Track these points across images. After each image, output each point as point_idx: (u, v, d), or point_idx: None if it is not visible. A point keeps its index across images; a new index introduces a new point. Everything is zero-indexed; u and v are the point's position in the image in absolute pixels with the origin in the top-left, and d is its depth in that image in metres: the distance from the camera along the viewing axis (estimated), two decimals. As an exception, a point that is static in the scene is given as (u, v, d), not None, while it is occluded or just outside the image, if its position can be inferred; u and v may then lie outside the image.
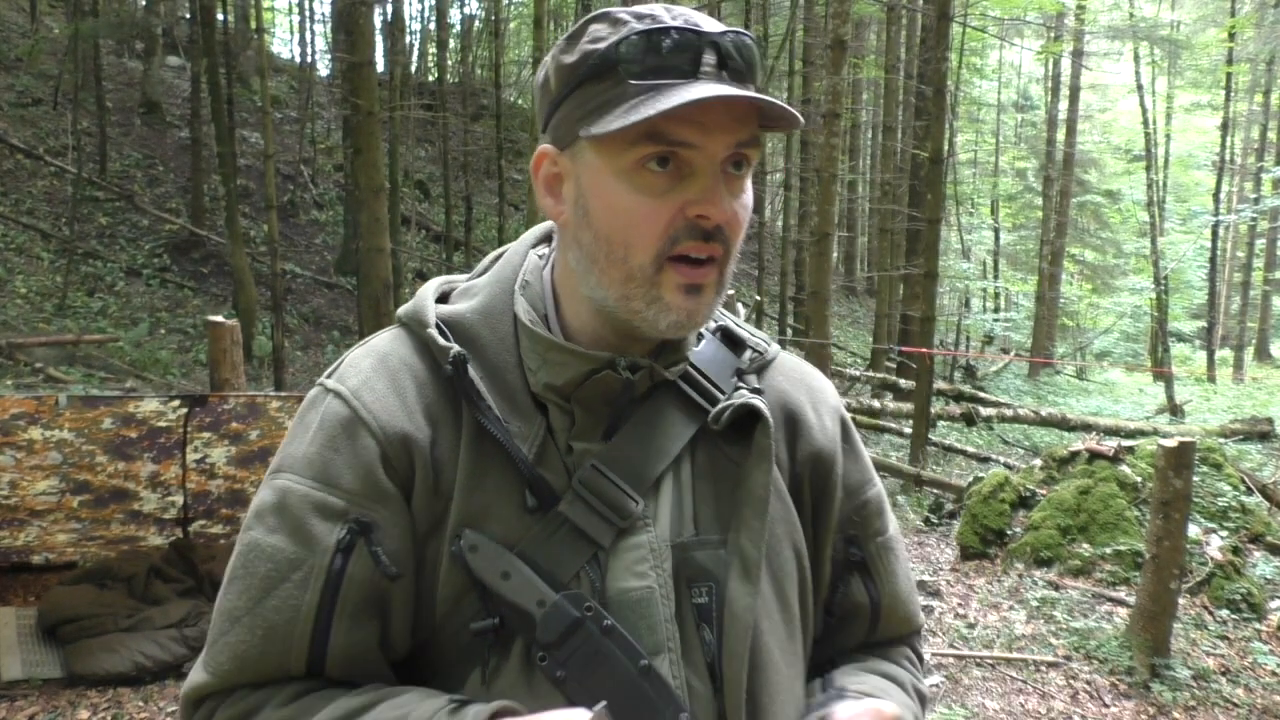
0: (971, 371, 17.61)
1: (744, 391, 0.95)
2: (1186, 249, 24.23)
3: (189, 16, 15.46)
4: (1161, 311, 19.23)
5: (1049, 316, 22.13)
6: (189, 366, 10.30)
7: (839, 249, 22.98)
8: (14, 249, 11.44)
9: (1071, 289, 27.05)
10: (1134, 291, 23.93)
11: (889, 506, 1.07)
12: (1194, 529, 4.96)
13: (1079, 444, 6.16)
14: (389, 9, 15.91)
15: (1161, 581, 4.12)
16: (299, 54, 21.50)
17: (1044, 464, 6.15)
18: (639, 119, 0.80)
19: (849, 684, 0.96)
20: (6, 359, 8.68)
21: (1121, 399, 18.26)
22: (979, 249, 26.28)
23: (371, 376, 0.90)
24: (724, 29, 0.85)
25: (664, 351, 0.93)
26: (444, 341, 0.89)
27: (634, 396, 0.91)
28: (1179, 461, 4.07)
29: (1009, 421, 11.12)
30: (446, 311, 0.93)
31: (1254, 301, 28.06)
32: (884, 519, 1.04)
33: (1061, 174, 22.12)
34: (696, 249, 0.85)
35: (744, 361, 0.99)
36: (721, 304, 0.92)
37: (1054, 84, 23.53)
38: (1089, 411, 14.06)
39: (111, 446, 4.15)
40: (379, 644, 0.87)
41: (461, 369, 0.87)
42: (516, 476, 0.87)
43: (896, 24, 17.46)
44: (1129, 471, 5.55)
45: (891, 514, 1.07)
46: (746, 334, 1.01)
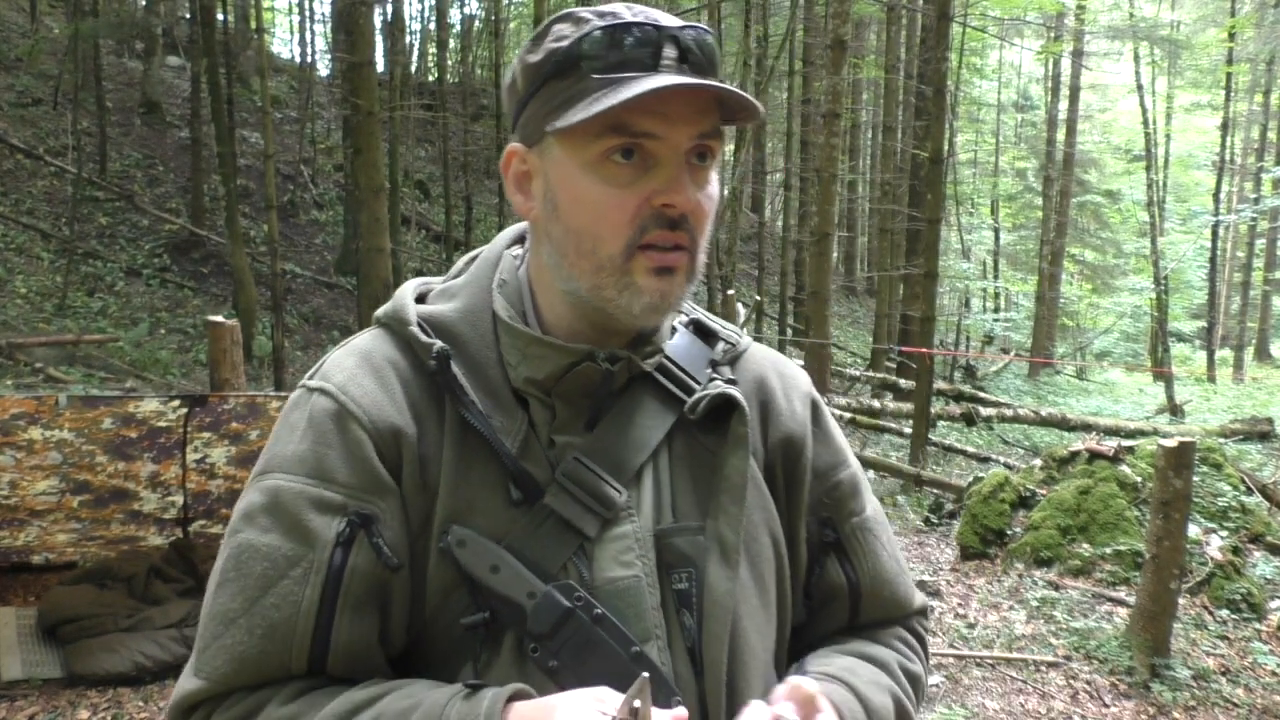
0: (971, 371, 17.61)
1: (719, 382, 0.96)
2: (1186, 249, 24.24)
3: (189, 16, 15.47)
4: (1161, 311, 19.23)
5: (1049, 316, 22.13)
6: (189, 366, 10.30)
7: (839, 249, 22.98)
8: (14, 249, 11.44)
9: (1071, 289, 27.05)
10: (1134, 291, 23.93)
11: (866, 489, 1.07)
12: (1194, 529, 4.96)
13: (1079, 444, 6.16)
14: (389, 9, 15.91)
15: (1161, 581, 4.12)
16: (299, 54, 21.53)
17: (1044, 464, 6.15)
18: (601, 110, 0.82)
19: (815, 666, 0.96)
20: (6, 359, 8.68)
21: (1121, 399, 18.26)
22: (979, 249, 26.28)
23: (357, 373, 0.91)
24: (684, 24, 0.87)
25: (639, 344, 0.95)
26: (426, 338, 0.91)
27: (613, 389, 0.93)
28: (1179, 461, 4.07)
29: (1009, 421, 11.12)
30: (426, 311, 0.95)
31: (1254, 301, 28.06)
32: (859, 500, 1.05)
33: (1061, 174, 22.13)
34: (663, 238, 0.86)
35: (717, 353, 1.01)
36: (692, 293, 0.93)
37: (1054, 84, 23.53)
38: (1089, 411, 14.07)
39: (111, 446, 4.15)
40: (379, 638, 0.87)
41: (445, 364, 0.89)
42: (501, 471, 0.89)
43: (896, 24, 17.47)
44: (1129, 471, 5.55)
45: (870, 496, 1.07)
46: (718, 326, 1.03)
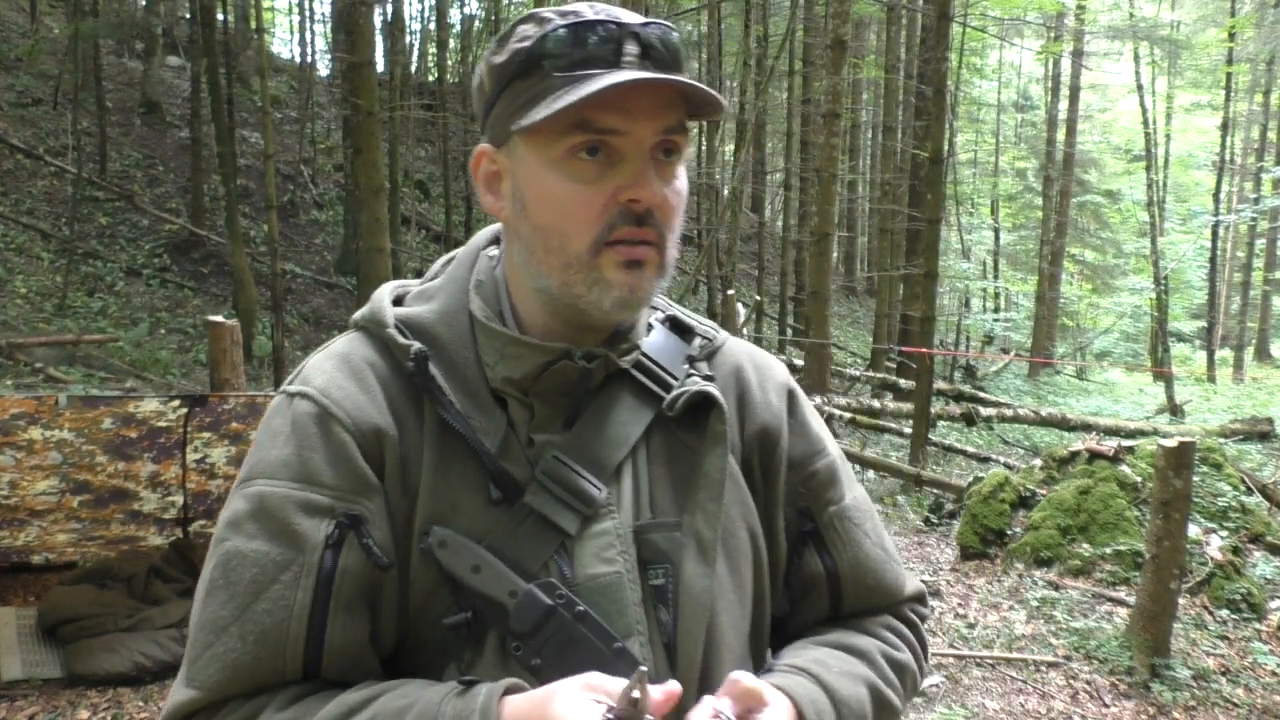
0: (971, 371, 17.61)
1: (696, 378, 0.97)
2: (1186, 249, 24.24)
3: (189, 16, 15.47)
4: (1161, 311, 19.24)
5: (1049, 316, 22.14)
6: (189, 366, 10.30)
7: (839, 249, 22.98)
8: (14, 249, 11.44)
9: (1071, 289, 27.05)
10: (1134, 291, 23.94)
11: (847, 476, 1.06)
12: (1194, 529, 4.96)
13: (1079, 444, 6.16)
14: (389, 9, 15.92)
15: (1161, 581, 4.12)
16: (299, 54, 21.52)
17: (1044, 464, 6.15)
18: (561, 107, 0.82)
19: (788, 658, 0.96)
20: (6, 359, 8.68)
21: (1121, 399, 18.26)
22: (979, 249, 26.29)
23: (336, 375, 0.92)
24: (646, 21, 0.88)
25: (616, 341, 0.95)
26: (404, 340, 0.91)
27: (591, 387, 0.93)
28: (1179, 461, 4.06)
29: (1009, 421, 11.12)
30: (403, 313, 0.95)
31: (1254, 301, 28.07)
32: (837, 489, 1.04)
33: (1061, 174, 22.13)
34: (630, 233, 0.87)
35: (694, 348, 1.01)
36: (664, 288, 0.94)
37: (1054, 84, 23.54)
38: (1089, 411, 14.07)
39: (111, 446, 4.15)
40: (371, 639, 0.87)
41: (423, 365, 0.90)
42: (480, 470, 0.89)
43: (896, 24, 17.47)
44: (1129, 471, 5.55)
45: (851, 485, 1.06)
46: (695, 322, 1.04)
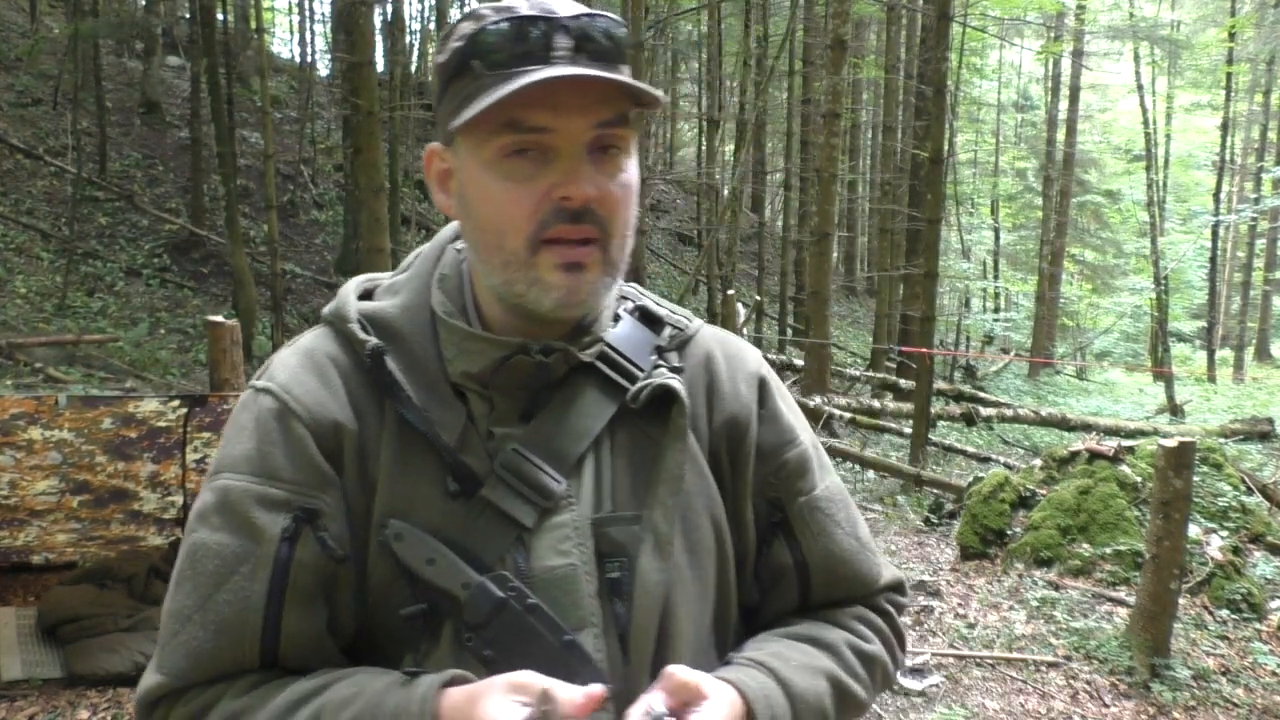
0: (971, 371, 17.61)
1: (663, 370, 0.96)
2: (1186, 249, 24.25)
3: (189, 16, 15.46)
4: (1161, 311, 19.24)
5: (1049, 316, 22.14)
6: (189, 366, 10.30)
7: (839, 249, 22.98)
8: (14, 249, 11.44)
9: (1071, 289, 27.05)
10: (1134, 291, 23.95)
11: (820, 466, 1.04)
12: (1194, 529, 4.96)
13: (1079, 444, 6.16)
14: (389, 9, 15.91)
15: (1161, 581, 4.12)
16: (299, 54, 21.52)
17: (1044, 464, 6.15)
18: (482, 108, 0.83)
19: (749, 650, 0.95)
20: (6, 359, 8.68)
21: (1121, 399, 18.27)
22: (979, 249, 26.29)
23: (299, 371, 0.93)
24: (580, 12, 0.87)
25: (579, 334, 0.95)
26: (363, 335, 0.93)
27: (552, 379, 0.94)
28: (1179, 461, 4.06)
29: (1009, 421, 11.12)
30: (369, 308, 0.96)
31: (1254, 301, 28.07)
32: (809, 479, 1.02)
33: (1061, 174, 22.14)
34: (567, 231, 0.87)
35: (663, 339, 1.00)
36: (618, 282, 0.94)
37: (1054, 84, 23.54)
38: (1089, 411, 14.07)
39: (111, 446, 4.15)
40: (328, 628, 0.89)
41: (379, 360, 0.91)
42: (439, 464, 0.90)
43: (896, 24, 17.47)
44: (1129, 471, 5.55)
45: (823, 475, 1.04)
46: (666, 312, 1.03)
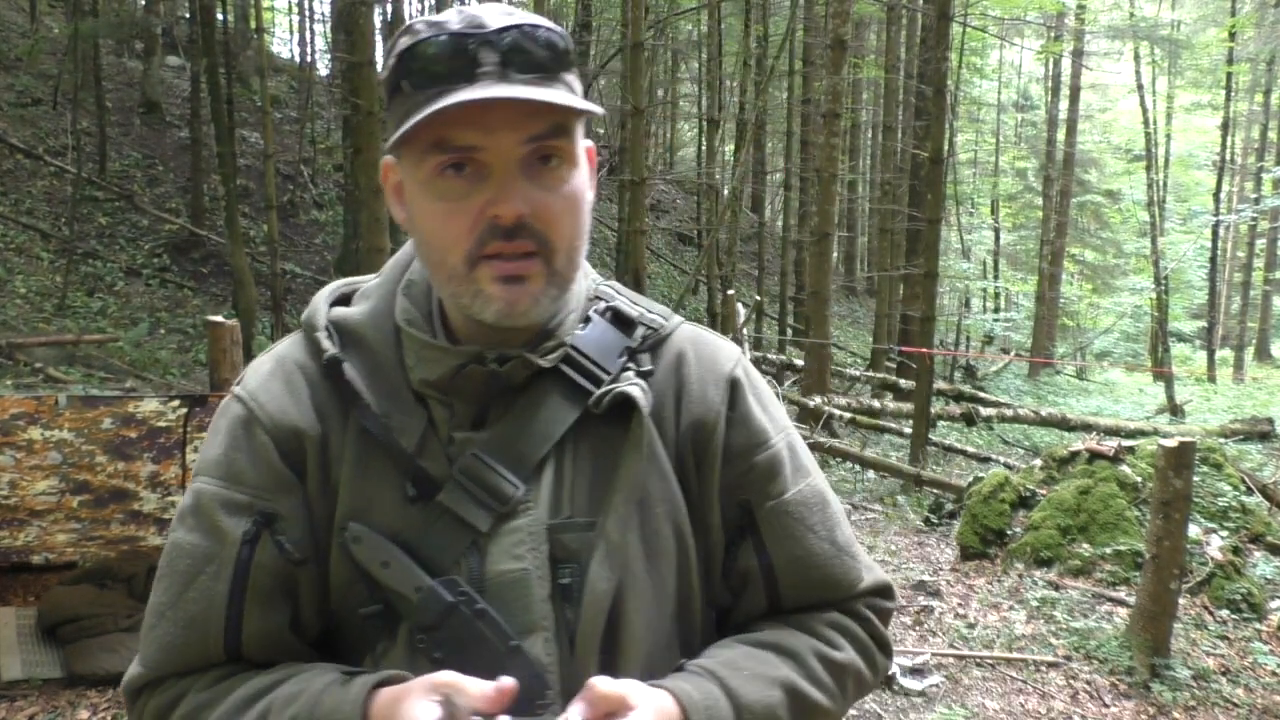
0: (971, 371, 17.62)
1: (630, 374, 0.96)
2: (1187, 249, 24.25)
3: (189, 16, 15.46)
4: (1161, 311, 19.24)
5: (1049, 316, 22.15)
6: (189, 366, 10.30)
7: (839, 249, 22.98)
8: (14, 249, 11.44)
9: (1071, 289, 27.06)
10: (1134, 291, 23.97)
11: (795, 469, 1.02)
12: (1194, 529, 4.96)
13: (1079, 444, 6.16)
14: (389, 9, 15.92)
15: (1161, 581, 4.12)
16: (299, 54, 21.53)
17: (1044, 464, 6.14)
18: (405, 129, 0.85)
19: (704, 658, 0.94)
20: (6, 359, 8.68)
21: (1121, 399, 18.27)
22: (979, 249, 26.29)
23: (268, 378, 0.97)
24: (510, 24, 0.86)
25: (542, 338, 0.95)
26: (326, 344, 0.95)
27: (512, 385, 0.94)
28: (1179, 461, 4.06)
29: (1009, 421, 11.12)
30: (339, 314, 0.99)
31: (1254, 301, 28.07)
32: (779, 481, 1.00)
33: (1061, 174, 22.15)
34: (501, 248, 0.87)
35: (635, 340, 0.99)
36: (567, 291, 0.93)
37: (1054, 84, 23.54)
38: (1089, 411, 14.07)
39: (111, 446, 4.15)
40: (290, 627, 0.93)
41: (335, 370, 0.93)
42: (399, 469, 0.92)
43: (896, 24, 17.46)
44: (1129, 471, 5.55)
45: (799, 477, 1.02)
46: (640, 312, 1.02)
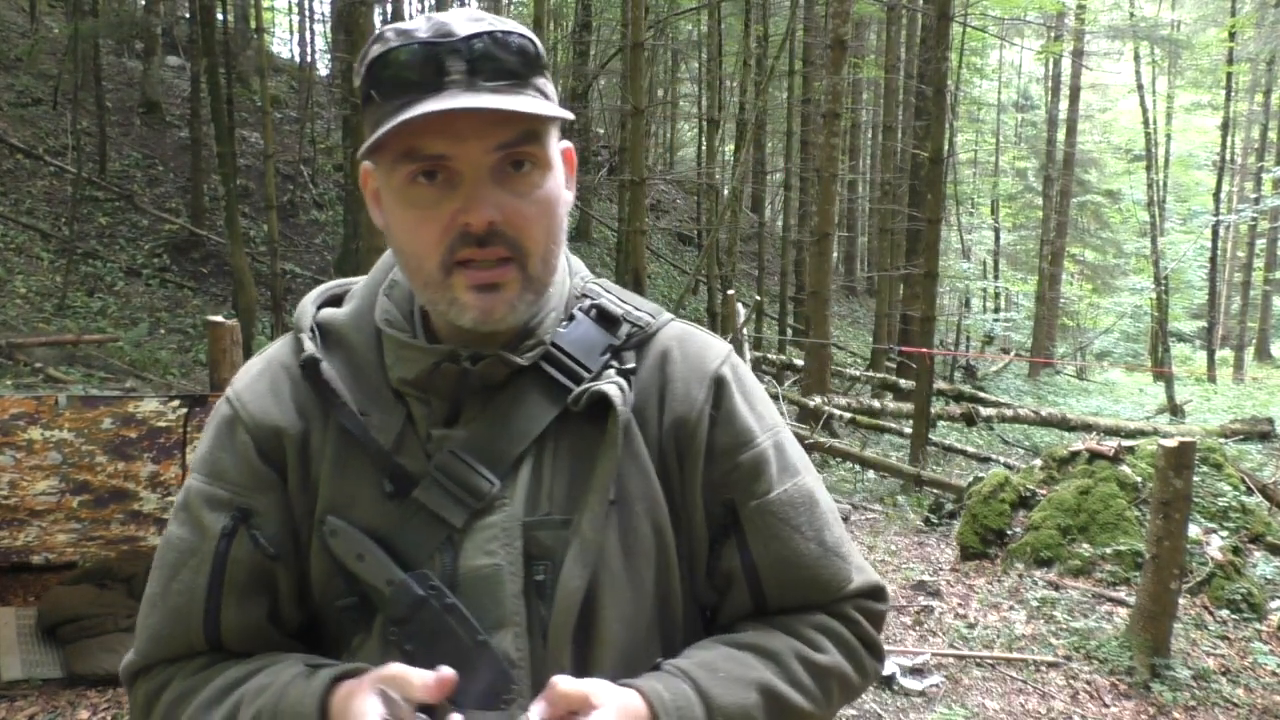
0: (971, 371, 17.62)
1: (611, 372, 0.96)
2: (1187, 249, 24.25)
3: (189, 16, 15.46)
4: (1162, 311, 19.24)
5: (1049, 316, 22.15)
6: (189, 366, 10.30)
7: (839, 249, 22.98)
8: (14, 249, 11.44)
9: (1072, 289, 27.07)
10: (1134, 291, 23.97)
11: (781, 469, 1.00)
12: (1194, 529, 4.96)
13: (1079, 444, 6.16)
14: (389, 9, 15.92)
15: (1161, 581, 4.12)
16: (299, 54, 21.53)
17: (1044, 464, 6.14)
18: (372, 140, 0.86)
19: (681, 658, 0.94)
20: (6, 359, 8.68)
21: (1122, 399, 18.27)
22: (979, 249, 26.30)
23: (254, 379, 1.00)
24: (478, 31, 0.86)
25: (522, 337, 0.96)
26: (308, 344, 0.97)
27: (491, 383, 0.95)
28: (1179, 461, 4.06)
29: (1009, 421, 11.11)
30: (325, 315, 1.01)
31: (1254, 301, 28.08)
32: (763, 482, 0.98)
33: (1061, 174, 22.15)
34: (473, 254, 0.88)
35: (619, 338, 0.99)
36: (543, 295, 0.94)
37: (1054, 84, 23.55)
38: (1089, 411, 14.07)
39: (111, 446, 4.15)
40: (269, 619, 0.96)
41: (312, 370, 0.96)
42: (377, 465, 0.94)
43: (896, 24, 17.47)
44: (1129, 471, 5.55)
45: (786, 477, 1.00)
46: (626, 309, 1.02)
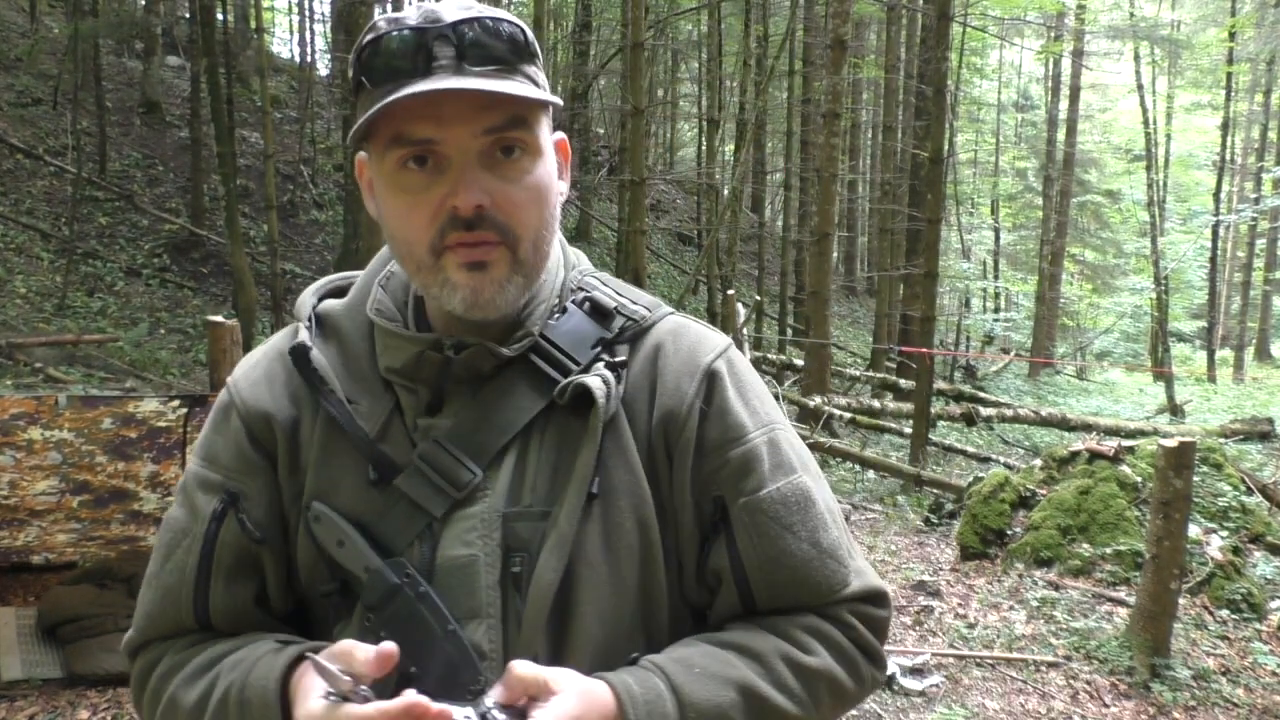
0: (971, 371, 17.62)
1: (600, 365, 0.96)
2: (1187, 249, 24.25)
3: (189, 16, 15.46)
4: (1162, 311, 19.24)
5: (1049, 316, 22.15)
6: (189, 366, 10.30)
7: (839, 249, 22.98)
8: (14, 249, 11.44)
9: (1072, 289, 27.07)
10: (1134, 291, 23.97)
11: (775, 466, 0.97)
12: (1194, 529, 4.96)
13: (1079, 444, 6.16)
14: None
15: (1161, 581, 4.12)
16: (299, 54, 21.52)
17: (1044, 464, 6.14)
18: (359, 124, 0.87)
19: (664, 653, 0.92)
20: (6, 359, 8.68)
21: (1122, 399, 18.27)
22: (979, 249, 26.31)
23: (252, 367, 1.03)
24: (466, 17, 0.87)
25: (512, 328, 0.97)
26: (302, 333, 0.99)
27: (478, 374, 0.96)
28: (1179, 461, 4.06)
29: (1009, 421, 11.11)
30: (324, 306, 1.04)
31: (1254, 301, 28.08)
32: (753, 479, 0.96)
33: (1061, 174, 22.15)
34: (462, 238, 0.89)
35: (612, 331, 0.99)
36: (534, 281, 0.94)
37: (1054, 84, 23.55)
38: (1089, 411, 14.07)
39: (111, 446, 4.15)
40: (256, 601, 0.98)
41: (301, 359, 0.97)
42: (362, 452, 0.95)
43: (896, 24, 17.47)
44: (1129, 471, 5.55)
45: (779, 474, 0.97)
46: (622, 301, 1.01)
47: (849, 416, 9.64)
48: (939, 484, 7.63)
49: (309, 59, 20.42)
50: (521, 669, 0.82)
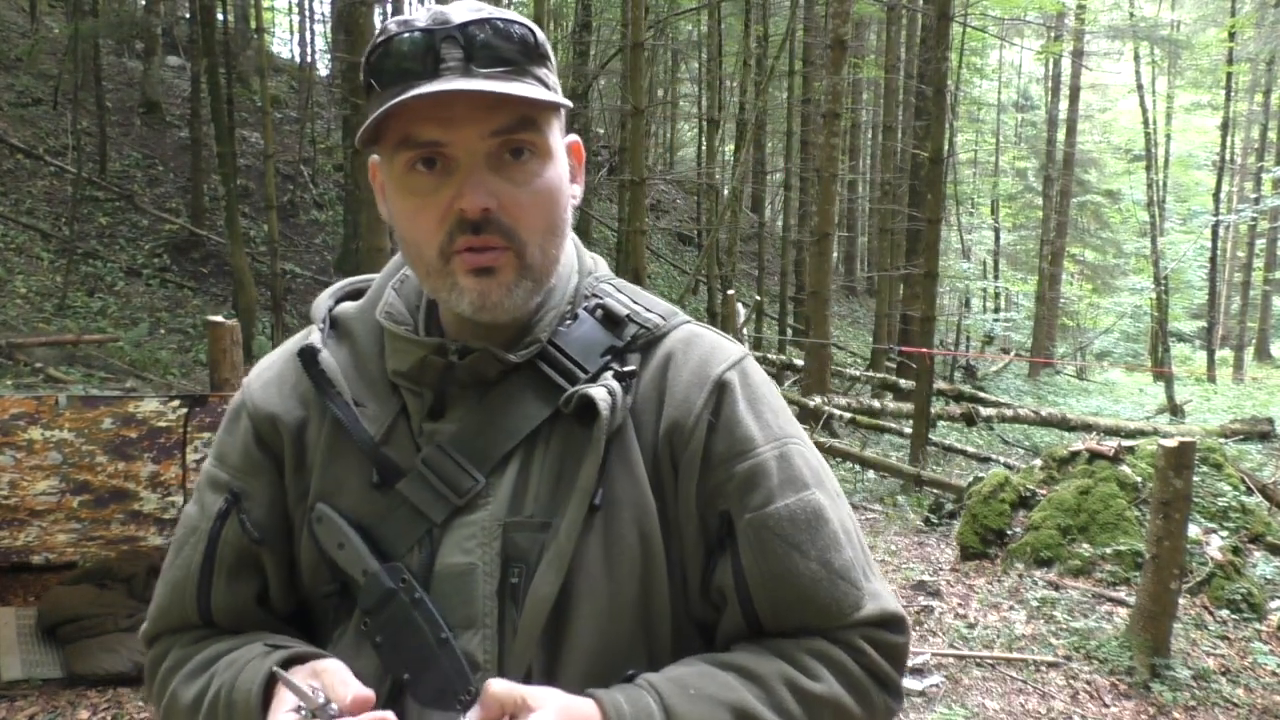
0: (971, 371, 17.62)
1: (608, 374, 0.94)
2: (1186, 249, 24.26)
3: (189, 16, 15.46)
4: (1161, 311, 19.24)
5: (1049, 316, 22.15)
6: (189, 366, 10.30)
7: (839, 249, 22.98)
8: (14, 249, 11.45)
9: (1071, 289, 27.08)
10: (1134, 291, 23.98)
11: (785, 481, 0.94)
12: (1194, 529, 4.96)
13: (1079, 444, 6.16)
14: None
15: (1161, 581, 4.12)
16: (299, 54, 21.53)
17: (1044, 464, 6.14)
18: (365, 127, 0.87)
19: (661, 672, 0.90)
20: (6, 359, 8.68)
21: (1121, 399, 18.27)
22: (979, 249, 26.31)
23: (266, 369, 1.04)
24: (475, 19, 0.87)
25: (522, 334, 0.96)
26: (314, 336, 1.00)
27: (483, 379, 0.95)
28: (1179, 461, 4.06)
29: (1009, 421, 11.11)
30: (340, 309, 1.04)
31: (1254, 301, 28.09)
32: (760, 495, 0.92)
33: (1061, 174, 22.15)
34: (469, 242, 0.88)
35: (623, 339, 0.97)
36: (543, 285, 0.93)
37: (1054, 84, 23.56)
38: (1089, 411, 14.07)
39: (111, 446, 4.15)
40: (257, 600, 0.99)
41: (309, 361, 0.97)
42: (367, 455, 0.95)
43: (896, 24, 17.47)
44: (1129, 471, 5.55)
45: (789, 490, 0.94)
46: (632, 311, 0.99)
47: (849, 416, 9.64)
48: (939, 484, 7.63)
49: (309, 59, 20.44)
50: (498, 687, 0.80)
